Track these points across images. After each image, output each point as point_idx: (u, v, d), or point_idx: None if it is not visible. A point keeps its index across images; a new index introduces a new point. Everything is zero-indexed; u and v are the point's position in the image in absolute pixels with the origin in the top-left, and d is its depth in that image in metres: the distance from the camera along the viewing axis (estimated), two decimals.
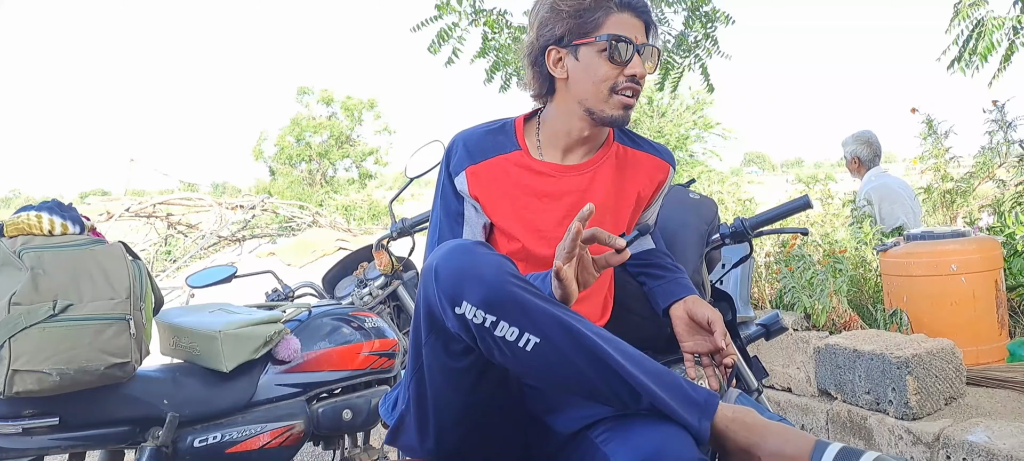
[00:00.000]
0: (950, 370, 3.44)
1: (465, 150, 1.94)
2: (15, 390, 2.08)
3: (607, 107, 1.87)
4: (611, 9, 1.85)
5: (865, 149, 5.70)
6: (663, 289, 2.02)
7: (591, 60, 1.86)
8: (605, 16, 1.85)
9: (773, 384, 4.15)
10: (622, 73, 1.85)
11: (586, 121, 1.90)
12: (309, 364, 2.70)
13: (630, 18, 1.87)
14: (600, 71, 1.85)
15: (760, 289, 5.06)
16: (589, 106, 1.88)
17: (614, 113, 1.87)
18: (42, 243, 2.20)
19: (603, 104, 1.87)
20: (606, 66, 1.85)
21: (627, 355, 1.48)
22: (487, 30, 6.38)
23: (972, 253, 4.03)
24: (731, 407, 1.48)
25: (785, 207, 2.53)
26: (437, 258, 1.50)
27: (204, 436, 2.48)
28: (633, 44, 1.85)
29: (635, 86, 1.86)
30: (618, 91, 1.86)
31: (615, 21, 1.85)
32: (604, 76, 1.85)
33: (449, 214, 1.96)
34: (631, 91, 1.86)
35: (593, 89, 1.87)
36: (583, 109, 1.89)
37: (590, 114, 1.89)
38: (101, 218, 9.41)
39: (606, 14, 1.85)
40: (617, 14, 1.85)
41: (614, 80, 1.85)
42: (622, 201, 1.99)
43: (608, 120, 1.88)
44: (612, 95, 1.86)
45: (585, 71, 1.87)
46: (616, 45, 1.83)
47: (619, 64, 1.85)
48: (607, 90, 1.86)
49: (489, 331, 1.43)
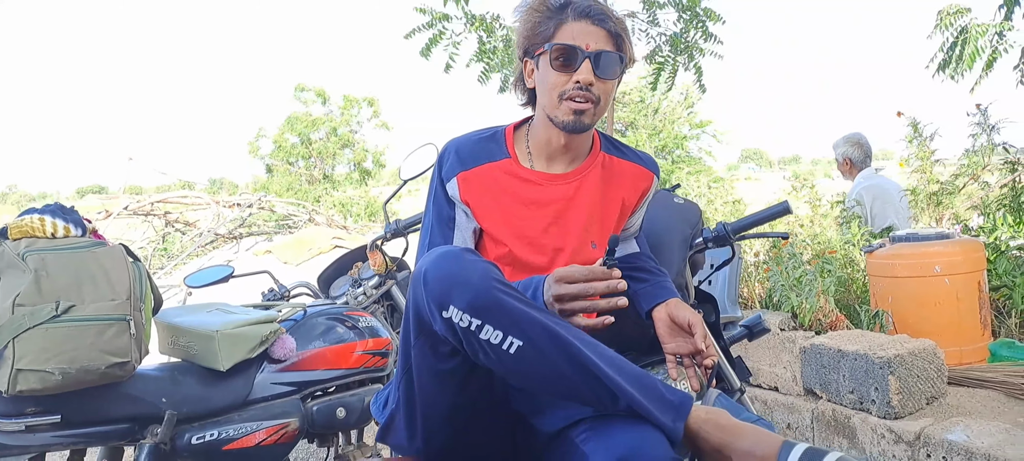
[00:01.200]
0: (932, 370, 3.51)
1: (457, 157, 2.01)
2: (18, 389, 2.14)
3: (559, 113, 1.94)
4: (564, 19, 1.93)
5: (856, 150, 5.78)
6: (646, 292, 2.09)
7: (545, 69, 1.94)
8: (556, 27, 1.93)
9: (760, 383, 4.22)
10: (570, 80, 1.91)
11: (552, 128, 1.98)
12: (304, 363, 2.76)
13: (586, 26, 1.93)
14: (550, 79, 1.93)
15: (750, 289, 5.12)
16: (549, 113, 1.96)
17: (565, 119, 1.93)
18: (45, 245, 2.25)
19: (556, 110, 1.94)
20: (554, 74, 1.92)
21: (606, 358, 1.55)
22: (482, 34, 6.45)
23: (956, 255, 4.10)
24: (705, 409, 1.55)
25: (766, 212, 2.60)
26: (426, 264, 1.57)
27: (201, 433, 2.53)
28: (581, 52, 1.90)
29: (585, 92, 1.91)
30: (566, 97, 1.92)
31: (567, 30, 1.92)
32: (553, 83, 1.93)
33: (441, 219, 2.01)
34: (582, 97, 1.91)
35: (548, 97, 1.95)
36: (546, 116, 1.97)
37: (551, 121, 1.96)
38: (99, 216, 9.44)
39: (558, 25, 1.93)
40: (570, 24, 1.93)
41: (562, 87, 1.92)
42: (607, 209, 2.06)
43: (562, 125, 1.95)
44: (562, 102, 1.92)
45: (542, 80, 1.96)
46: (561, 53, 1.91)
47: (567, 71, 1.91)
48: (557, 97, 1.93)
49: (475, 334, 1.50)
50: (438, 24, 6.37)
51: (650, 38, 6.78)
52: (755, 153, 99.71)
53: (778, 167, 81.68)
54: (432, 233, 2.02)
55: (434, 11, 6.35)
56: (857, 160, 5.78)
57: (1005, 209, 4.92)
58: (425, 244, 2.02)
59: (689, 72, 6.78)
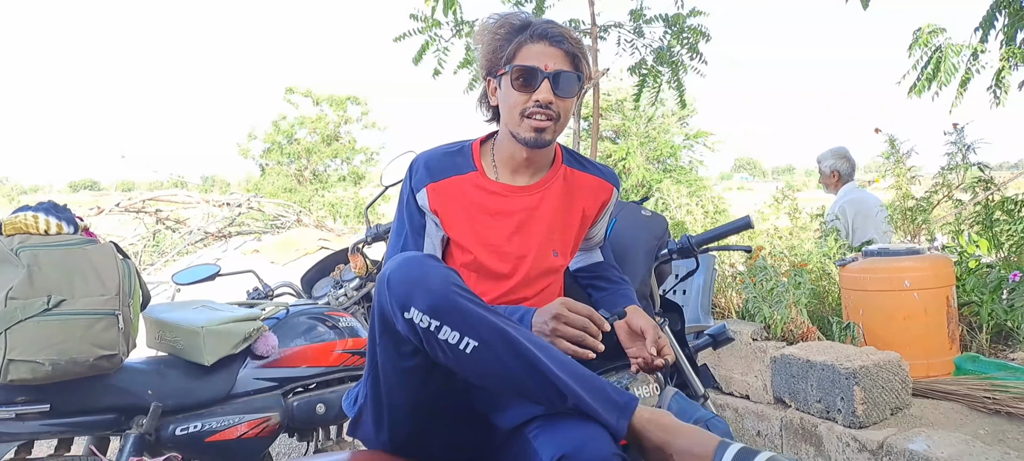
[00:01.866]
0: (896, 381, 3.59)
1: (426, 169, 2.12)
2: (10, 378, 2.24)
3: (521, 130, 2.06)
4: (523, 40, 2.05)
5: (844, 163, 5.90)
6: (607, 300, 2.21)
7: (507, 88, 2.07)
8: (516, 48, 2.05)
9: (732, 391, 4.31)
10: (530, 99, 2.03)
11: (515, 144, 2.10)
12: (286, 360, 2.85)
13: (544, 48, 2.05)
14: (511, 98, 2.05)
15: (727, 299, 5.21)
16: (511, 129, 2.08)
17: (527, 136, 2.06)
18: (38, 242, 2.35)
19: (518, 127, 2.06)
20: (515, 93, 2.04)
21: (557, 360, 1.66)
22: (470, 41, 6.54)
23: (925, 270, 4.17)
24: (649, 409, 1.66)
25: (728, 226, 2.70)
26: (390, 268, 1.68)
27: (185, 425, 2.63)
28: (541, 72, 2.02)
29: (545, 111, 2.04)
30: (527, 115, 2.04)
31: (526, 51, 2.05)
32: (514, 102, 2.05)
33: (414, 227, 2.13)
34: (542, 115, 2.04)
35: (509, 114, 2.07)
36: (509, 132, 2.09)
37: (513, 137, 2.08)
38: (92, 212, 9.51)
39: (517, 46, 2.05)
40: (529, 45, 2.05)
41: (523, 106, 2.04)
42: (569, 218, 2.18)
43: (523, 141, 2.07)
44: (523, 119, 2.05)
45: (504, 99, 2.08)
46: (521, 73, 2.03)
47: (527, 91, 2.03)
48: (519, 115, 2.05)
49: (433, 334, 1.61)
50: (429, 30, 6.47)
51: (636, 49, 6.88)
52: (748, 162, 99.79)
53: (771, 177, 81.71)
54: (404, 239, 2.12)
55: (426, 17, 6.44)
56: (844, 173, 5.91)
57: (979, 227, 5.02)
58: (396, 249, 2.13)
59: (672, 87, 6.87)
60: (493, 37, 2.09)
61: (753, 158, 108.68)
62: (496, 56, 2.08)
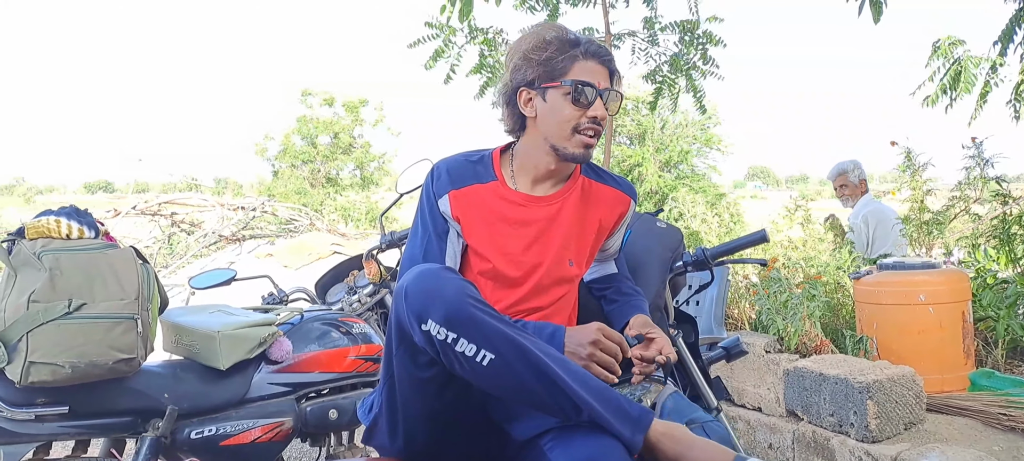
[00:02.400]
0: (910, 396, 3.58)
1: (448, 176, 2.14)
2: (30, 380, 2.26)
3: (570, 145, 2.07)
4: (577, 57, 2.06)
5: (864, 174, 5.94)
6: (617, 311, 2.23)
7: (557, 102, 2.06)
8: (571, 63, 2.05)
9: (744, 403, 4.30)
10: (584, 115, 2.05)
11: (552, 156, 2.10)
12: (300, 365, 2.86)
13: (594, 65, 2.07)
14: (565, 112, 2.05)
15: (740, 311, 5.20)
16: (554, 143, 2.08)
17: (576, 151, 2.08)
18: (60, 246, 2.37)
19: (566, 142, 2.07)
20: (570, 108, 2.05)
21: (572, 373, 1.67)
22: (483, 48, 6.55)
23: (941, 284, 4.16)
24: (664, 423, 1.67)
25: (743, 239, 2.71)
26: (407, 280, 1.70)
27: (200, 429, 2.64)
28: (596, 89, 2.05)
29: (596, 127, 2.07)
30: (580, 131, 2.06)
31: (580, 68, 2.05)
32: (568, 117, 2.05)
33: (437, 231, 2.12)
34: (592, 131, 2.07)
35: (557, 128, 2.07)
36: (549, 145, 2.09)
37: (555, 150, 2.09)
38: (108, 215, 9.56)
39: (572, 61, 2.05)
40: (582, 62, 2.06)
41: (577, 121, 2.05)
42: (585, 230, 2.19)
43: (570, 157, 2.09)
44: (574, 134, 2.06)
45: (551, 112, 2.07)
46: (581, 89, 2.04)
47: (582, 107, 2.05)
48: (570, 130, 2.06)
49: (450, 346, 1.63)
50: (442, 35, 6.48)
51: (650, 57, 6.89)
52: (762, 171, 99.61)
53: (785, 186, 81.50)
54: (428, 244, 2.12)
55: (441, 24, 6.46)
56: (867, 183, 5.95)
57: (996, 242, 4.99)
58: (418, 255, 2.12)
59: (687, 93, 6.88)
60: (540, 48, 2.08)
61: (766, 166, 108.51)
62: (545, 67, 2.07)
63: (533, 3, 6.47)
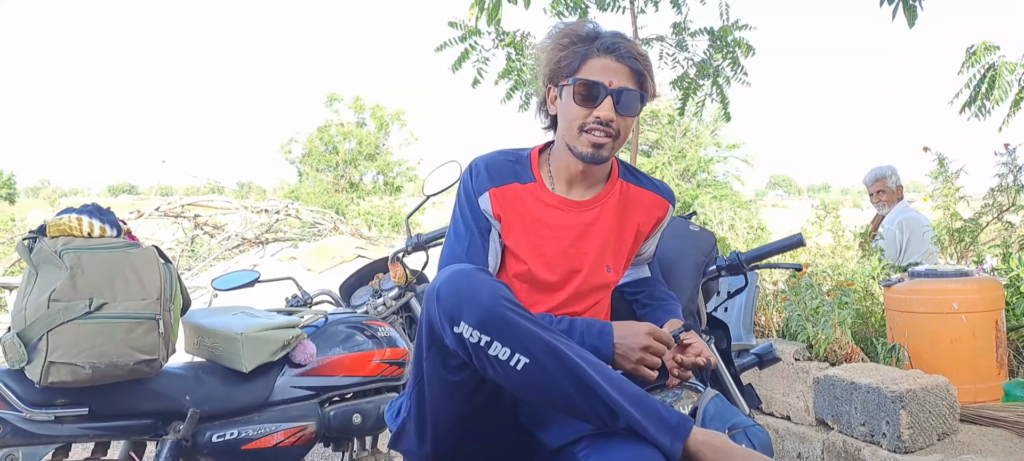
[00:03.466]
0: (944, 406, 3.51)
1: (487, 173, 2.07)
2: (50, 380, 2.22)
3: (578, 144, 2.00)
4: (590, 54, 1.99)
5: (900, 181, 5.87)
6: (651, 316, 2.15)
7: (567, 100, 2.00)
8: (582, 60, 1.99)
9: (773, 411, 4.24)
10: (591, 114, 1.97)
11: (571, 156, 2.04)
12: (323, 368, 2.82)
13: (611, 63, 1.98)
14: (572, 111, 1.99)
15: (768, 317, 5.13)
16: (567, 142, 2.02)
17: (584, 150, 2.00)
18: (81, 244, 2.33)
19: (575, 141, 2.00)
20: (576, 107, 1.98)
21: (608, 378, 1.62)
22: (511, 51, 6.51)
23: (974, 293, 4.09)
24: (703, 431, 1.61)
25: (779, 243, 2.65)
26: (439, 281, 1.65)
27: (222, 432, 2.60)
28: (604, 88, 1.96)
29: (604, 128, 1.97)
30: (586, 130, 1.98)
31: (592, 65, 1.98)
32: (574, 116, 1.99)
33: (480, 231, 2.05)
34: (601, 132, 1.97)
35: (567, 127, 2.01)
36: (565, 144, 2.03)
37: (570, 150, 2.02)
38: (131, 216, 9.59)
39: (584, 58, 1.99)
40: (596, 58, 1.98)
41: (582, 120, 1.98)
42: (623, 235, 2.13)
43: (579, 156, 2.01)
44: (581, 134, 1.99)
45: (564, 110, 2.02)
46: (584, 88, 1.96)
47: (588, 105, 1.97)
48: (577, 129, 1.99)
49: (483, 350, 1.58)
50: (470, 38, 6.44)
51: (677, 63, 6.83)
52: (783, 180, 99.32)
53: (806, 195, 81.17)
54: (470, 242, 2.05)
55: (466, 25, 6.42)
56: (901, 190, 5.88)
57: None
58: (458, 253, 2.05)
59: (714, 100, 6.81)
60: (557, 45, 2.03)
61: (788, 176, 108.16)
62: (559, 65, 2.02)
63: (562, 9, 6.41)
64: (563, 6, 6.41)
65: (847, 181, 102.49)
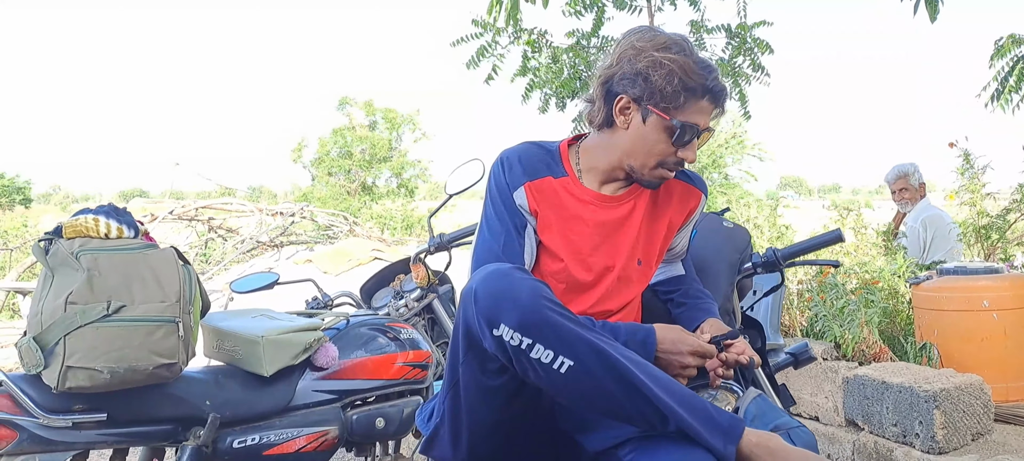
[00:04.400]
0: (978, 406, 3.45)
1: (521, 166, 1.98)
2: (67, 385, 2.16)
3: (647, 174, 1.93)
4: (699, 97, 1.87)
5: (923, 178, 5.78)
6: (685, 315, 2.08)
7: (654, 129, 1.88)
8: (690, 101, 1.87)
9: (801, 412, 4.17)
10: (676, 154, 1.89)
11: (623, 171, 1.97)
12: (345, 372, 2.76)
13: (708, 105, 1.90)
14: (658, 146, 1.89)
15: (792, 317, 5.06)
16: (631, 164, 1.93)
17: (651, 180, 1.94)
18: (98, 245, 2.27)
19: (645, 170, 1.93)
20: (664, 143, 1.88)
21: (656, 379, 1.54)
22: (528, 49, 6.44)
23: (1005, 290, 4.03)
24: (756, 432, 1.54)
25: (817, 239, 2.57)
26: (476, 281, 1.57)
27: (243, 437, 2.55)
28: (698, 132, 1.88)
29: (681, 168, 1.93)
30: (665, 167, 1.92)
31: (696, 108, 1.88)
32: (658, 151, 1.90)
33: (516, 227, 1.96)
34: (675, 171, 1.94)
35: (644, 155, 1.91)
36: (626, 163, 1.94)
37: (630, 169, 1.94)
38: (145, 219, 9.55)
39: (691, 100, 1.87)
40: (700, 102, 1.88)
41: (664, 157, 1.90)
42: (655, 227, 2.05)
43: (642, 182, 1.96)
44: (658, 168, 1.92)
45: (643, 137, 1.90)
46: (685, 131, 1.86)
47: (676, 146, 1.89)
48: (656, 162, 1.91)
49: (525, 353, 1.51)
50: (487, 34, 6.36)
51: None
52: (795, 181, 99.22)
53: (817, 195, 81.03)
54: (507, 238, 1.95)
55: (487, 22, 6.34)
56: (924, 187, 5.80)
57: None
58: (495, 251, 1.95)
59: (734, 100, 6.72)
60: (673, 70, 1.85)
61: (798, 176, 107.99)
62: (664, 90, 1.85)
63: (580, 8, 6.33)
64: (581, 5, 6.33)
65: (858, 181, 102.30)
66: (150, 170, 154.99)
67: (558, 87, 6.41)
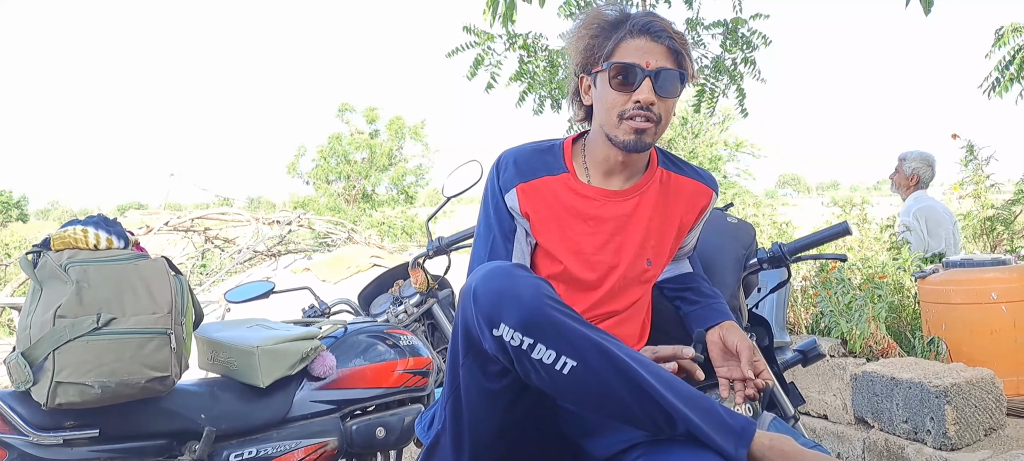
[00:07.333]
0: (990, 400, 3.40)
1: (515, 168, 1.94)
2: (57, 402, 2.11)
3: (619, 133, 1.86)
4: (623, 36, 1.85)
5: (927, 170, 5.68)
6: (698, 315, 2.03)
7: (603, 87, 1.87)
8: (616, 44, 1.85)
9: (809, 411, 4.12)
10: (630, 99, 1.83)
11: (610, 146, 1.91)
12: (344, 381, 2.71)
13: (645, 43, 1.85)
14: (609, 98, 1.86)
15: (796, 314, 5.01)
16: (607, 132, 1.89)
17: (626, 138, 1.86)
18: (87, 257, 2.22)
19: (615, 130, 1.87)
20: (612, 93, 1.85)
21: (663, 380, 1.49)
22: (523, 53, 6.41)
23: (1013, 281, 3.99)
24: (768, 434, 1.49)
25: (824, 233, 2.52)
26: (475, 280, 1.52)
27: (240, 451, 2.49)
28: (640, 70, 1.82)
29: (644, 112, 1.84)
30: (626, 117, 1.84)
31: (625, 48, 1.85)
32: (612, 102, 1.85)
33: (503, 230, 1.94)
34: (642, 117, 1.84)
35: (606, 115, 1.88)
36: (604, 134, 1.90)
37: (610, 140, 1.89)
38: (140, 231, 9.49)
39: (617, 42, 1.85)
40: (630, 40, 1.85)
41: (622, 107, 1.84)
42: (665, 226, 2.00)
43: (621, 145, 1.87)
44: (622, 121, 1.85)
45: (600, 98, 1.89)
46: (620, 70, 1.83)
47: (626, 90, 1.83)
48: (616, 117, 1.85)
49: (526, 353, 1.45)
50: (483, 43, 6.33)
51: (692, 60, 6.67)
52: (793, 178, 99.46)
53: (816, 193, 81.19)
54: (492, 244, 1.94)
55: (479, 30, 6.31)
56: (924, 179, 5.69)
57: None
58: (482, 256, 1.94)
59: (730, 97, 6.68)
60: (589, 29, 1.90)
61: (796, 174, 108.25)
62: (592, 50, 1.89)
63: (574, 8, 6.30)
64: (574, 6, 6.29)
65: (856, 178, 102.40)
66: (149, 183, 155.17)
67: (553, 89, 6.38)
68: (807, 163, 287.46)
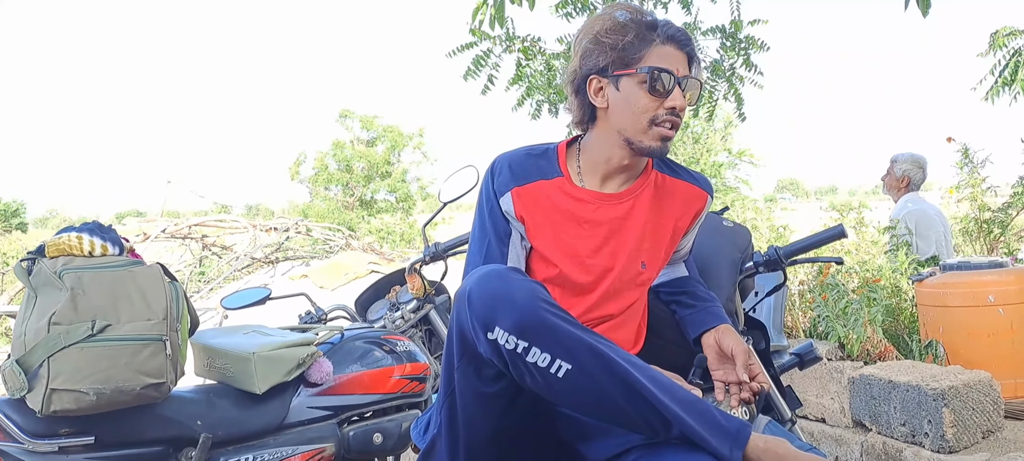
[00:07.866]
0: (988, 403, 3.40)
1: (510, 171, 1.94)
2: (53, 409, 2.11)
3: (646, 138, 1.87)
4: (654, 41, 1.85)
5: (918, 172, 5.64)
6: (694, 318, 2.03)
7: (631, 91, 1.86)
8: (647, 48, 1.85)
9: (806, 414, 4.12)
10: (662, 105, 1.84)
11: (625, 150, 1.90)
12: (341, 387, 2.70)
13: (673, 50, 1.86)
14: (640, 103, 1.85)
15: (794, 318, 5.01)
16: (628, 136, 1.88)
17: (652, 144, 1.87)
18: (82, 264, 2.22)
19: (642, 135, 1.87)
20: (646, 98, 1.84)
21: (658, 383, 1.49)
22: (521, 57, 6.39)
23: (1010, 284, 3.99)
24: (763, 437, 1.49)
25: (819, 236, 2.52)
26: (470, 283, 1.52)
27: (236, 457, 2.49)
28: (674, 76, 1.84)
29: (675, 119, 1.86)
30: (658, 123, 1.85)
31: (657, 53, 1.85)
32: (644, 108, 1.85)
33: (498, 234, 1.94)
34: (670, 123, 1.86)
35: (632, 120, 1.87)
36: (623, 139, 1.89)
37: (629, 144, 1.89)
38: (137, 239, 9.48)
39: (648, 46, 1.85)
40: (660, 47, 1.85)
41: (654, 112, 1.85)
42: (660, 229, 1.99)
43: (646, 151, 1.88)
44: (652, 127, 1.86)
45: (625, 102, 1.87)
46: (658, 77, 1.83)
47: (659, 96, 1.84)
48: (647, 122, 1.85)
49: (521, 357, 1.45)
50: (482, 44, 6.30)
51: None
52: (791, 183, 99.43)
53: (814, 197, 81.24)
54: (487, 248, 1.93)
55: (482, 31, 6.28)
56: (915, 182, 5.66)
57: None
58: (476, 261, 1.94)
59: (729, 102, 6.66)
60: (616, 31, 1.87)
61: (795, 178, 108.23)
62: (619, 53, 1.86)
63: (570, 9, 6.27)
64: (571, 6, 6.27)
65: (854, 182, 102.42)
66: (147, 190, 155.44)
67: (550, 93, 6.37)
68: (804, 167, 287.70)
